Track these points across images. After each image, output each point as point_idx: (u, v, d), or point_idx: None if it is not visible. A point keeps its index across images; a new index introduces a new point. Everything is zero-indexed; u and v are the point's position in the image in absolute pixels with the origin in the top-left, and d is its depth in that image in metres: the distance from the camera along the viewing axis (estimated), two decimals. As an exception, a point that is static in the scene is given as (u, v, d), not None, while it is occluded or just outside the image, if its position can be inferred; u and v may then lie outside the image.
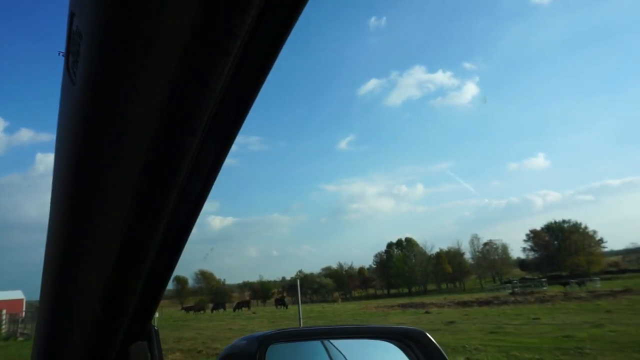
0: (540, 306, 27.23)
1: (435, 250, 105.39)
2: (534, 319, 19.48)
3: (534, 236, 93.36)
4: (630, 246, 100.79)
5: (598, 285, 45.19)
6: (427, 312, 28.90)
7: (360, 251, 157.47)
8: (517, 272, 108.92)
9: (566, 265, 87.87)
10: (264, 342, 1.19)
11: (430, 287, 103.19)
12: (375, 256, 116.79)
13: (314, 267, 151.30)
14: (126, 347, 1.08)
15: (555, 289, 47.25)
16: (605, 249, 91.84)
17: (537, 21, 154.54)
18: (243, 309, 56.97)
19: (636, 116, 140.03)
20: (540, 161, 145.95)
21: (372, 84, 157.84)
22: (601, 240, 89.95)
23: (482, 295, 43.47)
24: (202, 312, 61.99)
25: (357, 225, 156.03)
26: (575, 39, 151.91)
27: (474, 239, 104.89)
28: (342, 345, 1.58)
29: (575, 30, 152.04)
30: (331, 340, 1.58)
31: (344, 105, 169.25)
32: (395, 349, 1.45)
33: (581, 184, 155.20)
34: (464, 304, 33.77)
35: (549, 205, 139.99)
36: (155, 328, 1.16)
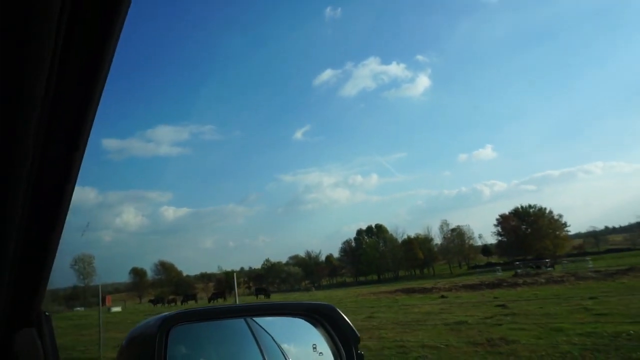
0: (563, 286, 25.69)
1: (405, 236, 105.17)
2: (590, 298, 17.39)
3: (503, 221, 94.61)
4: (590, 229, 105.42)
5: (590, 265, 44.75)
6: (443, 297, 26.69)
7: (317, 241, 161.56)
8: (481, 257, 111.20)
9: (534, 249, 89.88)
10: (165, 323, 1.10)
11: (401, 273, 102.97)
12: (343, 243, 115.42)
13: (271, 257, 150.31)
14: (10, 335, 0.98)
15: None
16: (569, 233, 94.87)
17: (485, 18, 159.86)
18: (218, 299, 53.18)
19: (574, 111, 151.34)
20: (488, 152, 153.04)
21: (327, 74, 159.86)
22: (565, 224, 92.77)
23: (483, 279, 41.89)
24: (172, 304, 57.49)
25: (313, 215, 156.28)
26: (521, 37, 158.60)
27: (444, 224, 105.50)
28: (252, 324, 1.48)
29: (521, 28, 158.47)
30: (247, 319, 1.48)
31: (300, 95, 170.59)
32: (307, 324, 1.43)
33: (525, 174, 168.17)
34: (472, 287, 31.88)
35: (495, 195, 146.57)
36: (47, 314, 1.07)
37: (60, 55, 0.59)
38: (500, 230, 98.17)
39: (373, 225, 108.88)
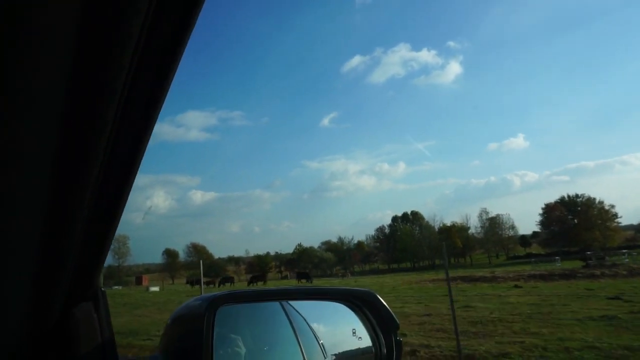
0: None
1: (441, 224, 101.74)
2: None
3: (549, 210, 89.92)
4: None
5: None
6: (517, 287, 24.09)
7: (341, 227, 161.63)
8: (519, 248, 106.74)
9: (581, 240, 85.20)
10: (214, 303, 1.15)
11: (437, 261, 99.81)
12: (376, 230, 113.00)
13: (295, 243, 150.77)
14: (70, 309, 1.03)
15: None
16: (620, 224, 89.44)
17: (519, 1, 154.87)
18: (258, 283, 51.79)
19: (610, 101, 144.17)
20: (520, 142, 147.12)
21: (356, 60, 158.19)
22: (616, 215, 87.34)
23: (544, 269, 38.89)
24: (212, 285, 56.59)
25: (338, 202, 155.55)
26: (555, 22, 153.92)
27: (483, 212, 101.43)
28: (296, 307, 1.54)
29: (555, 12, 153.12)
30: (284, 302, 1.53)
31: (328, 81, 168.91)
32: (347, 309, 1.46)
33: (558, 165, 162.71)
34: (542, 277, 29.02)
35: (526, 185, 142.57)
36: (102, 289, 1.13)
37: (141, 51, 0.61)
38: (544, 220, 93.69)
39: (409, 212, 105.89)
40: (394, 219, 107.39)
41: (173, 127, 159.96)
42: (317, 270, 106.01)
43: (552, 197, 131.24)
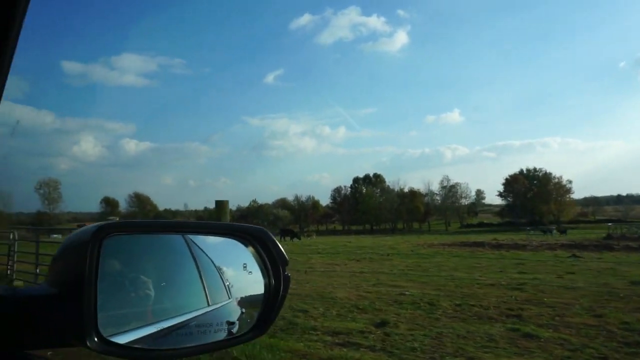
0: None
1: (405, 188, 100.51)
2: None
3: (512, 181, 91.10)
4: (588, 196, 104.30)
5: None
6: (574, 256, 21.04)
7: (277, 188, 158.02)
8: (472, 218, 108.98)
9: (537, 212, 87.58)
10: (100, 231, 1.08)
11: (399, 226, 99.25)
12: (334, 190, 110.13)
13: (231, 201, 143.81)
14: None
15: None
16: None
17: None
18: (292, 239, 43.99)
19: (539, 84, 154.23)
20: (455, 116, 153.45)
21: (305, 19, 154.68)
22: (570, 190, 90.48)
23: (549, 239, 36.79)
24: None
25: (277, 162, 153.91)
26: (500, 4, 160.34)
27: (445, 179, 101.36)
28: (198, 243, 1.45)
29: None
30: (187, 237, 1.43)
31: (275, 37, 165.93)
32: (240, 245, 1.44)
33: (488, 142, 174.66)
34: (583, 247, 26.44)
35: (457, 159, 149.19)
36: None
37: None
38: (503, 192, 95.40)
39: (371, 175, 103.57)
40: (356, 180, 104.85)
41: (107, 69, 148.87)
42: (273, 228, 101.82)
43: (481, 171, 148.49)
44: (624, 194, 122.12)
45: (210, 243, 1.51)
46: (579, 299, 8.97)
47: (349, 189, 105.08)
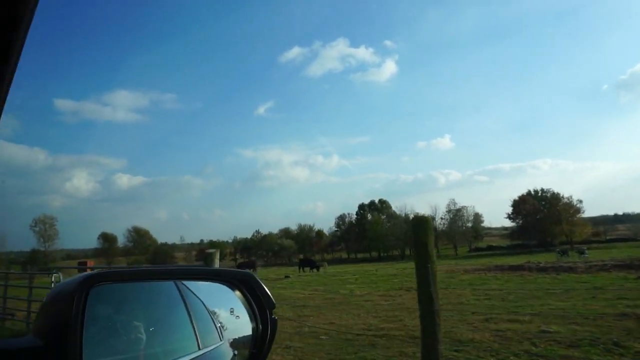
0: None
1: (411, 214, 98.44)
2: None
3: (521, 202, 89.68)
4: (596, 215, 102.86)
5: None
6: (644, 277, 19.24)
7: (273, 218, 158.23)
8: (480, 241, 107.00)
9: (550, 234, 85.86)
10: (86, 281, 1.10)
11: (406, 252, 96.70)
12: (338, 218, 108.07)
13: (225, 233, 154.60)
14: None
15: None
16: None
17: (454, 9, 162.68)
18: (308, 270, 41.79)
19: (525, 110, 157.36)
20: (446, 142, 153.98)
21: (294, 52, 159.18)
22: (578, 210, 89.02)
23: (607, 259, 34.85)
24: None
25: (271, 193, 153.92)
26: (485, 32, 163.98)
27: (451, 203, 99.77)
28: (191, 288, 1.55)
29: (485, 23, 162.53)
30: (178, 283, 1.53)
31: (265, 70, 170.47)
32: (228, 290, 1.52)
33: (479, 166, 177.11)
34: (624, 266, 24.68)
35: (450, 183, 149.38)
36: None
37: None
38: (511, 214, 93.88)
39: (376, 201, 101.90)
40: (361, 206, 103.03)
41: (99, 106, 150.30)
42: (278, 259, 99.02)
43: (474, 195, 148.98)
44: (620, 212, 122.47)
45: (201, 286, 1.54)
46: None
47: (355, 216, 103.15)
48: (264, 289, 1.41)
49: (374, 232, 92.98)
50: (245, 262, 46.39)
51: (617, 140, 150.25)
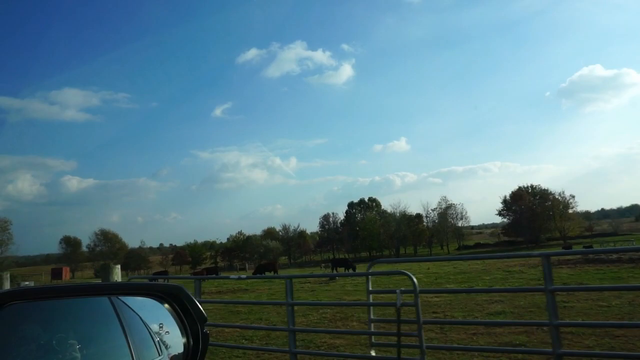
0: None
1: (405, 212, 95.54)
2: None
3: (516, 198, 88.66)
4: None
5: None
6: None
7: (230, 220, 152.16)
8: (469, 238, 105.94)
9: (544, 229, 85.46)
10: None
11: (402, 251, 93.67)
12: (322, 218, 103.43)
13: (182, 235, 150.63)
14: None
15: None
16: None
17: (408, 16, 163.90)
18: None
19: (477, 113, 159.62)
20: (402, 144, 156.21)
21: (252, 53, 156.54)
22: (568, 205, 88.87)
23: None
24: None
25: (228, 195, 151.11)
26: (438, 38, 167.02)
27: (442, 201, 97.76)
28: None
29: (439, 30, 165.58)
30: (113, 298, 1.48)
31: (222, 72, 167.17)
32: (159, 305, 1.48)
33: (433, 168, 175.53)
34: None
35: (406, 185, 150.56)
36: None
37: None
38: (502, 210, 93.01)
39: (366, 199, 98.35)
40: (350, 205, 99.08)
41: (46, 105, 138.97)
42: (265, 260, 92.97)
43: (429, 196, 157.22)
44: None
45: (137, 301, 1.48)
46: None
47: (344, 215, 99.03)
48: (194, 302, 1.37)
49: (366, 231, 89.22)
50: (265, 264, 40.68)
51: (560, 144, 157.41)
